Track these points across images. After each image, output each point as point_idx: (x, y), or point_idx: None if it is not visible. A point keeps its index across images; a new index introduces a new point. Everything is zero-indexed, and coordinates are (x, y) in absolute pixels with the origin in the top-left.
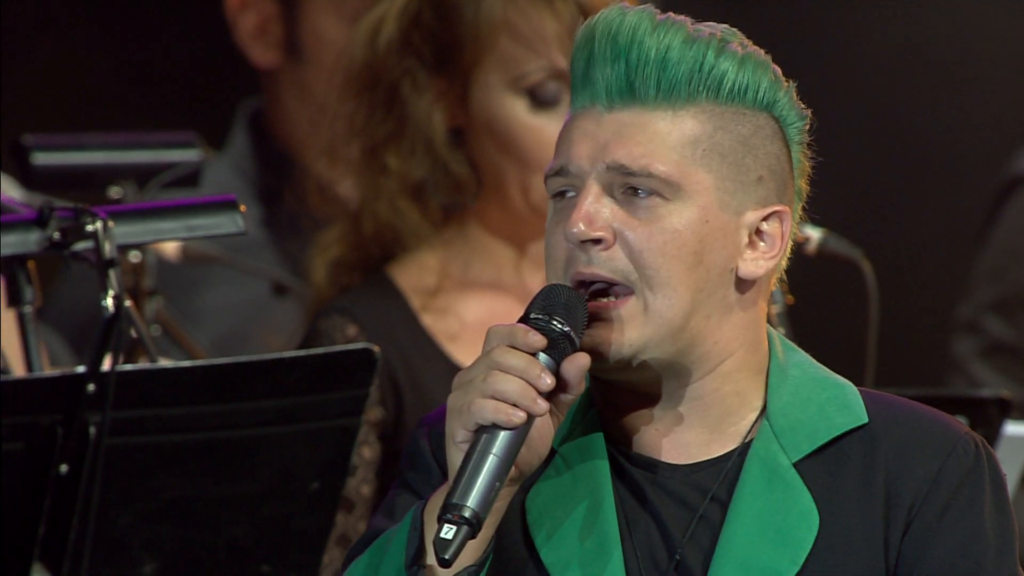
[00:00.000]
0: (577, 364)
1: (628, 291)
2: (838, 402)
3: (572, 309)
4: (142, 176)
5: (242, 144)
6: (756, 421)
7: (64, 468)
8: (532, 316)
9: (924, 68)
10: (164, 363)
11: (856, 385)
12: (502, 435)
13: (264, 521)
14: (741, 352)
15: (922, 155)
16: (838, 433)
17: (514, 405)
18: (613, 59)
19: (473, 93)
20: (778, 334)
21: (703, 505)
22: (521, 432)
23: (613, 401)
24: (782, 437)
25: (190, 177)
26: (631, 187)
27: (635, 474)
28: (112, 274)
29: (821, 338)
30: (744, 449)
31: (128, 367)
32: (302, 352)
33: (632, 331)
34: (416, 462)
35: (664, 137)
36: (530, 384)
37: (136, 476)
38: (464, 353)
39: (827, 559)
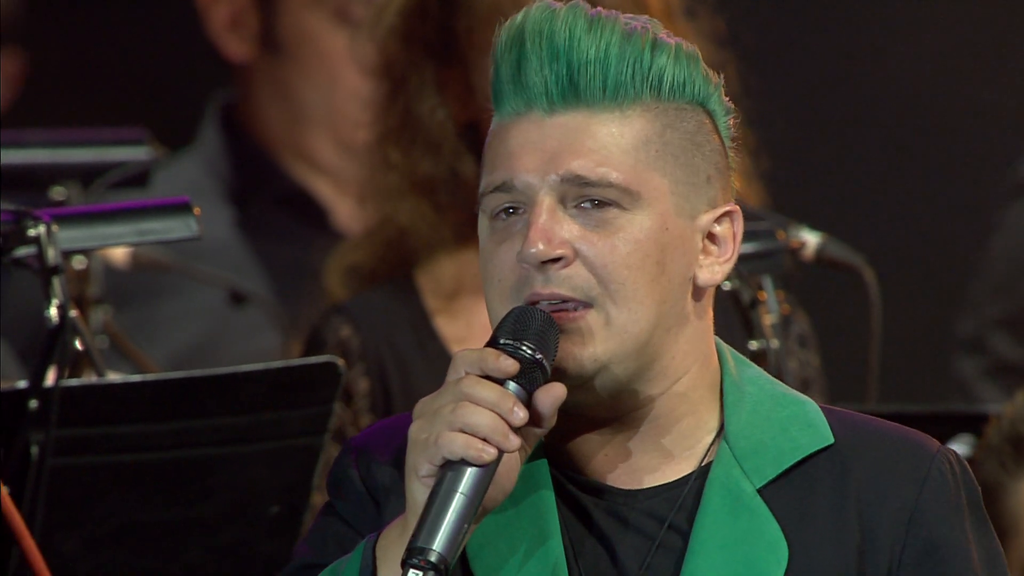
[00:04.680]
0: (552, 395)
1: (587, 306)
2: (800, 421)
3: (544, 334)
4: (87, 176)
5: (213, 140)
6: (713, 443)
7: (5, 490)
8: (501, 342)
9: (931, 71)
10: (113, 377)
11: (859, 402)
12: (470, 472)
13: (221, 547)
14: (696, 368)
15: (927, 154)
16: (804, 455)
17: (484, 440)
18: (551, 60)
19: (475, 83)
20: (727, 347)
21: (660, 534)
22: (491, 469)
23: (559, 426)
24: (744, 461)
25: (139, 177)
26: (587, 198)
27: (584, 501)
28: (56, 282)
29: (819, 351)
30: (701, 473)
31: (73, 382)
32: (260, 366)
33: (595, 345)
34: (345, 490)
35: (616, 140)
36: (502, 418)
37: (83, 499)
38: None
39: None
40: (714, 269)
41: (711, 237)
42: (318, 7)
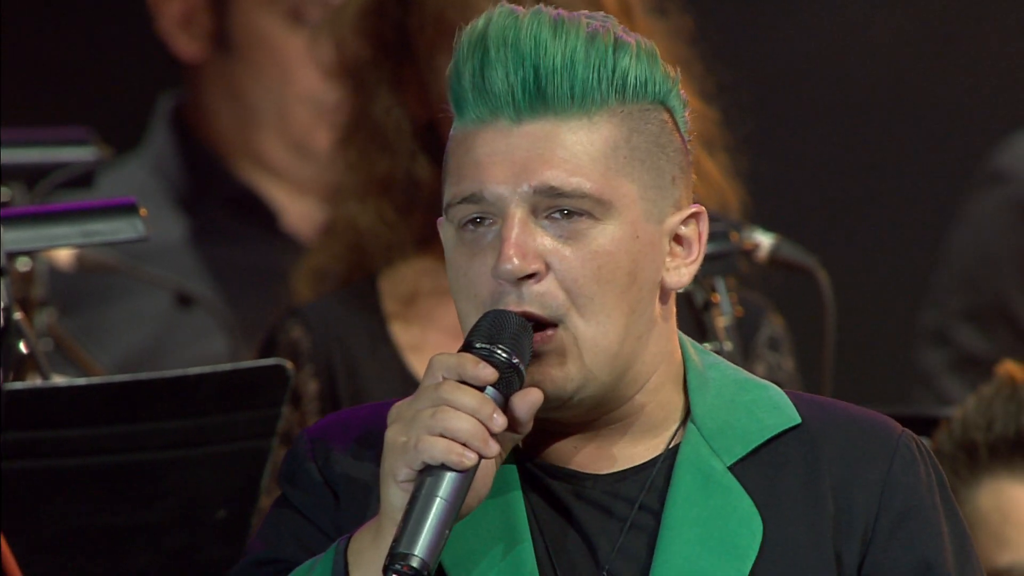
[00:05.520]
0: (530, 400)
1: (555, 326)
2: (765, 403)
3: (519, 338)
4: (31, 176)
5: (162, 142)
6: (680, 426)
7: None
8: (477, 346)
9: (888, 62)
10: (58, 380)
11: None
12: (450, 477)
13: (168, 552)
14: (664, 366)
15: (881, 152)
16: (772, 434)
17: (464, 445)
18: (516, 66)
19: (427, 81)
20: (688, 338)
21: (631, 515)
22: (470, 474)
23: None
24: (712, 440)
25: (84, 178)
26: (558, 208)
27: (553, 486)
28: (1, 284)
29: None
30: (670, 455)
31: (18, 385)
32: (208, 368)
33: (571, 365)
34: (300, 480)
35: (586, 148)
36: (482, 424)
37: (28, 503)
38: (423, 364)
39: (774, 567)
40: (681, 271)
41: (676, 239)
42: (271, 7)
